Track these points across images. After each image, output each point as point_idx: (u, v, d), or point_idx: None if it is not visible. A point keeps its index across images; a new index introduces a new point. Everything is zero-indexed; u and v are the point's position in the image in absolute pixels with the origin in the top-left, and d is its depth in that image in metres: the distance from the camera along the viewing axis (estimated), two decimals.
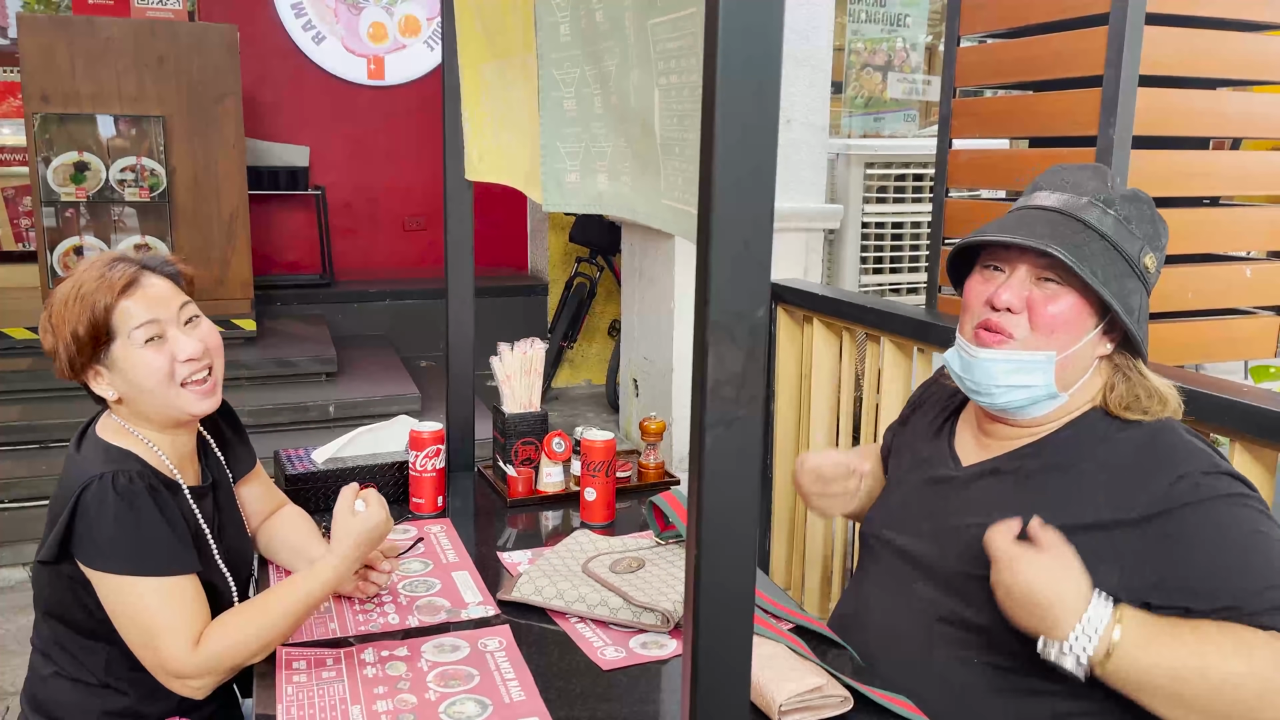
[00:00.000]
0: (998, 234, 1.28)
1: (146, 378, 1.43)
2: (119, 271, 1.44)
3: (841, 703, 1.25)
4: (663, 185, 1.18)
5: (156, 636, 1.34)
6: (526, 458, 2.08)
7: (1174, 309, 2.68)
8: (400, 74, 6.17)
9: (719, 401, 0.84)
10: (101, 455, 1.43)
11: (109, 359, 1.43)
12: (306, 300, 5.61)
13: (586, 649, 1.43)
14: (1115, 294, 1.23)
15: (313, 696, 1.30)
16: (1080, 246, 1.24)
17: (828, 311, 3.02)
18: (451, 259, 2.16)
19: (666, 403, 4.35)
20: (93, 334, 1.41)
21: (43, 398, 4.17)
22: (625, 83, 1.27)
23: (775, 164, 0.82)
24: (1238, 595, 1.13)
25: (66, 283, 1.45)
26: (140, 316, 1.43)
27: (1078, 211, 1.27)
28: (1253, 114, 2.68)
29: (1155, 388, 1.29)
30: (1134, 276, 1.26)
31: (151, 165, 4.54)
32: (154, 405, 1.46)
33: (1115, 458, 1.25)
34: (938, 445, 1.46)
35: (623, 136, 1.32)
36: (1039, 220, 1.28)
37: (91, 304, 1.40)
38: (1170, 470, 1.21)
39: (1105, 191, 1.29)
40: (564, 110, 1.51)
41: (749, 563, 0.88)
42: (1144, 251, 1.27)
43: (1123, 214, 1.27)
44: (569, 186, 1.53)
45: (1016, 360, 1.26)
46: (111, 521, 1.35)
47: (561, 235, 6.13)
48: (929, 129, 6.06)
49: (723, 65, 0.79)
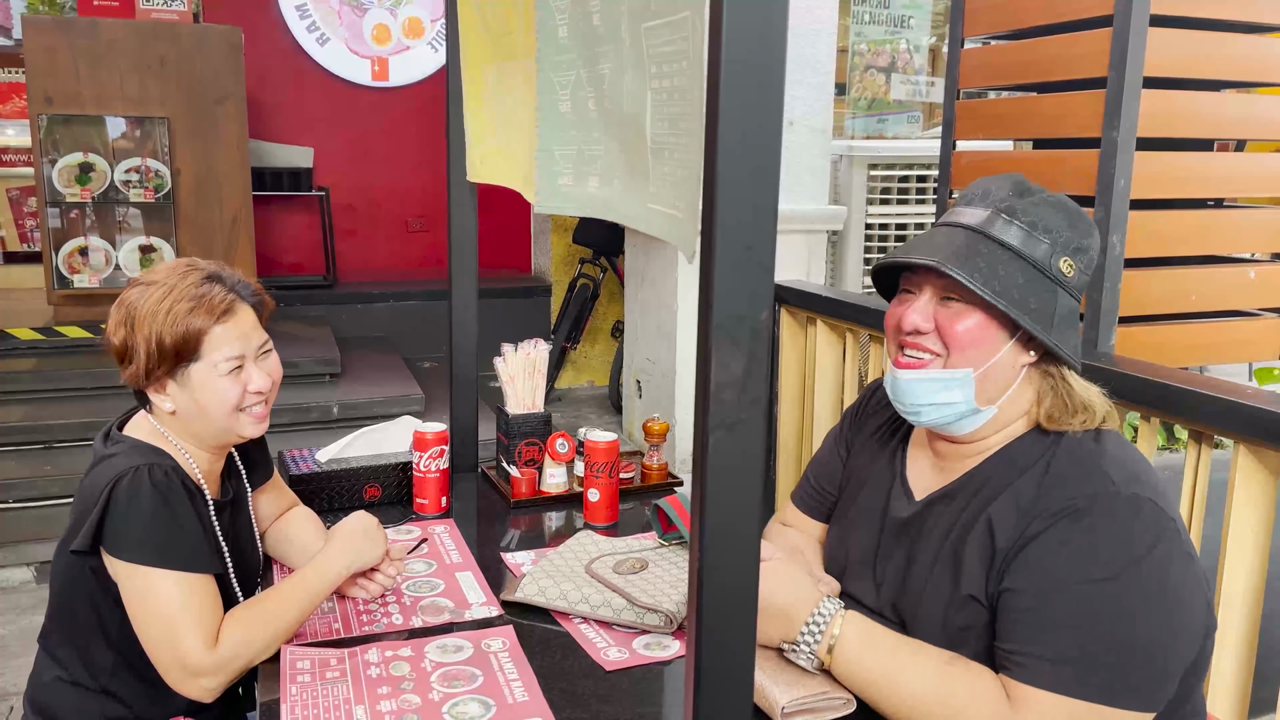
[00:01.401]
0: (897, 255, 1.30)
1: (217, 405, 1.45)
2: (218, 295, 1.45)
3: (844, 705, 1.25)
4: (651, 189, 1.18)
5: (178, 631, 1.34)
6: (530, 458, 2.08)
7: (1177, 311, 2.68)
8: (404, 76, 6.17)
9: (722, 404, 0.84)
10: (135, 450, 1.44)
11: (184, 376, 1.44)
12: (309, 301, 5.62)
13: (590, 650, 1.44)
14: (1018, 304, 1.21)
15: (317, 696, 1.30)
16: (977, 260, 1.23)
17: (831, 313, 3.02)
18: (455, 260, 2.16)
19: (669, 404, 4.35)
20: (178, 349, 1.42)
21: (47, 398, 4.17)
22: (619, 86, 1.27)
23: (779, 166, 0.82)
24: (1016, 631, 1.16)
25: (155, 289, 1.44)
26: (231, 349, 1.45)
27: (983, 225, 1.27)
28: (1256, 116, 2.68)
29: (1081, 400, 1.26)
30: (1048, 283, 1.24)
31: (156, 166, 4.55)
32: (210, 428, 1.48)
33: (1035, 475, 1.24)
34: (888, 475, 1.43)
35: (615, 140, 1.33)
36: (942, 237, 1.28)
37: (187, 322, 1.41)
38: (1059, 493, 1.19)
39: (1010, 200, 1.27)
40: (560, 113, 1.52)
41: (752, 565, 0.88)
42: (1054, 256, 1.25)
43: (1028, 220, 1.25)
44: (563, 189, 1.54)
45: (934, 379, 1.27)
46: (145, 512, 1.36)
47: (565, 236, 6.13)
48: (932, 131, 6.06)
49: (726, 66, 0.79)
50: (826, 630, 1.25)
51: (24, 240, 5.74)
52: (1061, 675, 1.11)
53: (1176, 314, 2.68)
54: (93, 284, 4.49)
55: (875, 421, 1.51)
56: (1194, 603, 1.15)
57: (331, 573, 1.48)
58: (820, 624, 1.25)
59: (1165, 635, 1.12)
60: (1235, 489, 1.89)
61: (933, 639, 1.25)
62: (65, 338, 4.46)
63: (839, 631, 1.24)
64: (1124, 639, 1.11)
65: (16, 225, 5.73)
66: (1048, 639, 1.13)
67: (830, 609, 1.26)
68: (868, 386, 1.60)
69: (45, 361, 4.35)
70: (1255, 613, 1.92)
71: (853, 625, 1.26)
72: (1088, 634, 1.11)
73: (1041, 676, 1.12)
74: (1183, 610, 1.14)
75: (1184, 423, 2.01)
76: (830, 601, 1.27)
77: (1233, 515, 1.90)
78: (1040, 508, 1.19)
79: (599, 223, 5.60)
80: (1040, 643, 1.13)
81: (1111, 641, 1.11)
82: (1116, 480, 1.17)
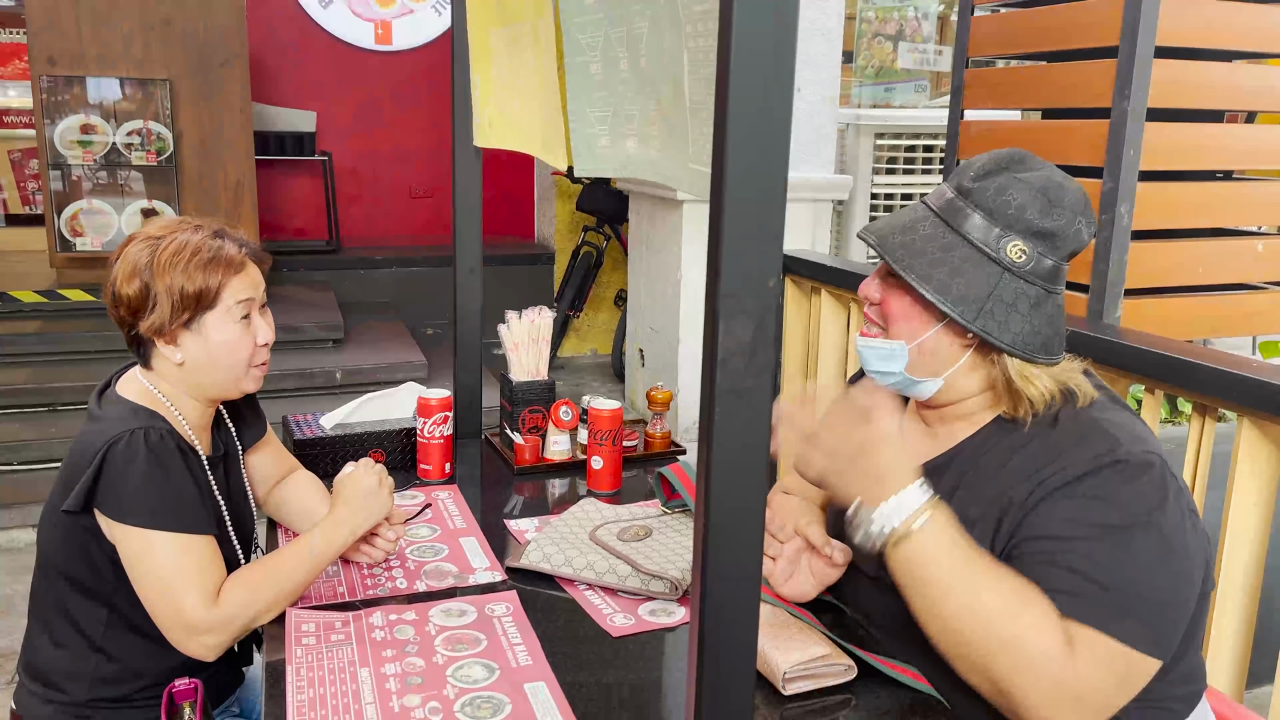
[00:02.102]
0: (862, 231, 1.35)
1: (228, 353, 1.49)
2: (233, 248, 1.50)
3: (845, 671, 1.26)
4: (690, 149, 1.18)
5: (177, 590, 1.36)
6: (533, 425, 2.08)
7: (1184, 284, 2.67)
8: (408, 39, 6.12)
9: (729, 372, 0.84)
10: (129, 413, 1.45)
11: (199, 323, 1.47)
12: (313, 267, 5.61)
13: (596, 616, 1.45)
14: (939, 287, 1.22)
15: (322, 659, 1.32)
16: (912, 239, 1.25)
17: (836, 283, 3.01)
18: (460, 227, 2.15)
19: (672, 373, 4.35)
20: (198, 296, 1.45)
21: (51, 361, 4.18)
22: (657, 45, 1.26)
23: (789, 131, 0.81)
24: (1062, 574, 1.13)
25: (166, 240, 1.47)
26: (243, 292, 1.50)
27: (937, 203, 1.29)
28: (1269, 87, 2.66)
29: (1018, 390, 1.25)
30: (995, 266, 1.23)
31: (158, 129, 4.52)
32: (217, 379, 1.51)
33: (1037, 441, 1.24)
34: None
35: (652, 99, 1.32)
36: (902, 217, 1.32)
37: (207, 271, 1.46)
38: (1066, 456, 1.19)
39: (974, 180, 1.26)
40: (590, 74, 1.50)
41: (757, 533, 0.88)
42: (1004, 240, 1.23)
43: (980, 201, 1.24)
44: (600, 151, 1.53)
45: (875, 348, 1.32)
46: (140, 476, 1.37)
47: (568, 204, 6.10)
48: (940, 100, 6.01)
49: (738, 30, 0.78)
50: (915, 512, 1.14)
51: (26, 203, 5.73)
52: (1101, 615, 1.11)
53: (1183, 286, 2.67)
54: (95, 247, 4.48)
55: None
56: (1197, 560, 1.16)
57: (338, 537, 1.49)
58: (910, 504, 1.15)
59: (1178, 585, 1.14)
60: (1239, 461, 1.89)
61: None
62: (68, 300, 4.46)
63: (928, 516, 1.14)
64: (1142, 588, 1.12)
65: (19, 187, 5.71)
66: (1078, 582, 1.12)
67: (927, 493, 1.16)
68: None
69: (49, 324, 4.35)
70: (1255, 585, 1.93)
71: (941, 515, 1.16)
72: (1106, 577, 1.12)
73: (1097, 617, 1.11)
74: (1190, 566, 1.15)
75: (1188, 395, 2.01)
76: (918, 489, 1.16)
77: (1236, 487, 1.90)
78: (1048, 470, 1.19)
79: (603, 190, 5.57)
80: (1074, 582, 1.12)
81: (1134, 589, 1.12)
82: (1124, 440, 1.18)
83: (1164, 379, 2.00)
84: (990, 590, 1.12)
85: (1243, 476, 1.89)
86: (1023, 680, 1.09)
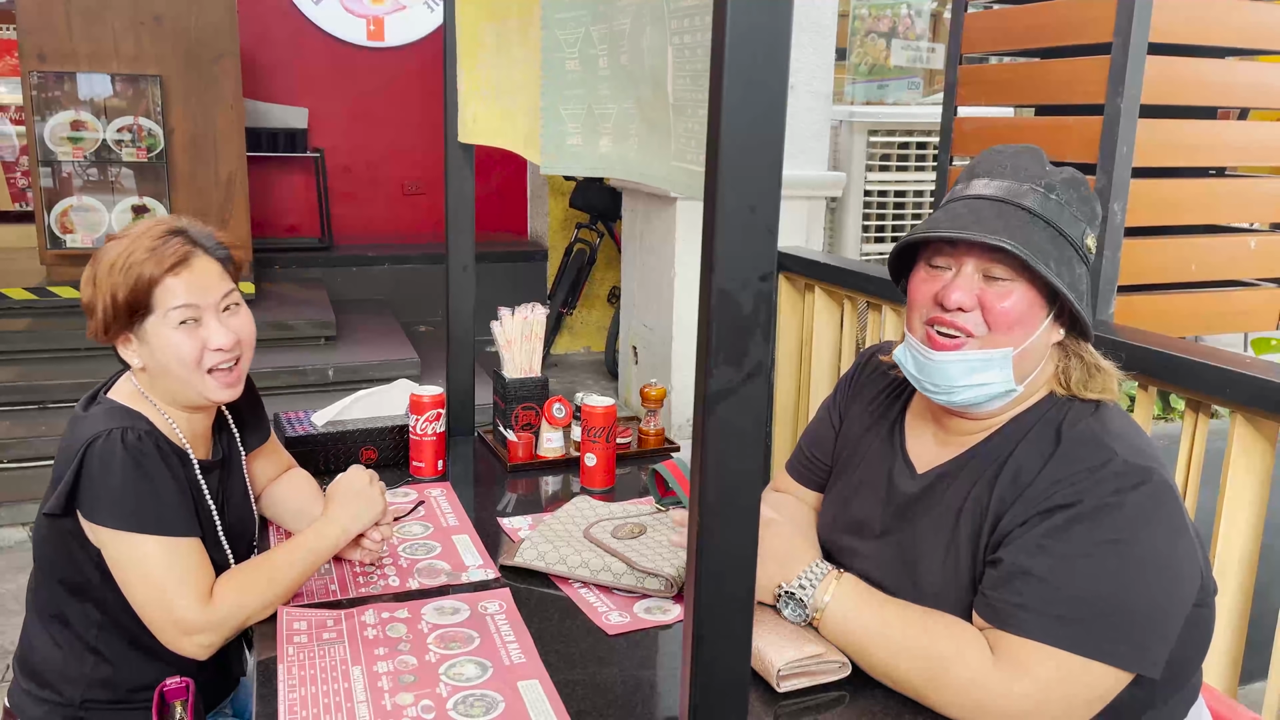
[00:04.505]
0: (949, 228, 1.24)
1: (173, 359, 1.43)
2: (172, 247, 1.43)
3: (839, 668, 1.26)
4: (674, 146, 1.17)
5: (167, 592, 1.34)
6: (527, 423, 2.08)
7: (1177, 280, 2.67)
8: (400, 35, 6.10)
9: (723, 369, 0.83)
10: (110, 413, 1.43)
11: (141, 331, 1.43)
12: (305, 264, 5.59)
13: (591, 614, 1.44)
14: (1066, 281, 1.20)
15: (314, 657, 1.31)
16: (1029, 237, 1.21)
17: (829, 280, 3.01)
18: (452, 224, 2.15)
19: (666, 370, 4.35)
20: (130, 303, 1.41)
21: (41, 358, 4.16)
22: (638, 42, 1.25)
23: (784, 128, 0.81)
24: (1010, 584, 1.16)
25: (119, 243, 1.44)
26: (180, 298, 1.42)
27: (1020, 199, 1.23)
28: (1261, 84, 2.66)
29: (1104, 366, 1.28)
30: (1080, 260, 1.24)
31: (149, 125, 4.50)
32: (176, 386, 1.46)
33: (1040, 448, 1.24)
34: (888, 448, 1.42)
35: (630, 98, 1.31)
36: (985, 211, 1.24)
37: (137, 274, 1.40)
38: (1063, 465, 1.19)
39: (1045, 176, 1.25)
40: (566, 71, 1.49)
41: (751, 530, 0.88)
42: (1085, 234, 1.25)
43: (1063, 198, 1.24)
44: (570, 149, 1.52)
45: (974, 359, 1.23)
46: (118, 477, 1.35)
47: (562, 201, 6.10)
48: (933, 96, 6.01)
49: (732, 26, 0.78)
50: (821, 585, 1.27)
51: (16, 199, 5.70)
52: (1051, 628, 1.12)
53: (1176, 283, 2.67)
54: (85, 244, 4.46)
55: (871, 390, 1.50)
56: (1188, 572, 1.16)
57: (331, 537, 1.48)
58: (815, 578, 1.28)
59: (1161, 599, 1.13)
60: (1232, 458, 1.89)
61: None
62: (58, 298, 4.44)
63: (834, 586, 1.27)
64: (1119, 600, 1.12)
65: (9, 184, 5.68)
66: (1041, 593, 1.13)
67: (825, 566, 1.30)
68: (861, 354, 1.58)
69: (39, 321, 4.33)
70: (1249, 582, 1.93)
71: (846, 583, 1.28)
72: (1082, 592, 1.12)
73: (1031, 628, 1.13)
74: (1179, 579, 1.15)
75: (1182, 391, 2.01)
76: (824, 562, 1.31)
77: (1229, 484, 1.91)
78: (1044, 478, 1.19)
79: (597, 187, 5.56)
80: (1033, 596, 1.14)
81: (1106, 601, 1.12)
82: (1120, 452, 1.17)
83: (1157, 375, 2.00)
84: (904, 633, 1.21)
85: (1236, 472, 1.90)
86: (962, 703, 1.16)
